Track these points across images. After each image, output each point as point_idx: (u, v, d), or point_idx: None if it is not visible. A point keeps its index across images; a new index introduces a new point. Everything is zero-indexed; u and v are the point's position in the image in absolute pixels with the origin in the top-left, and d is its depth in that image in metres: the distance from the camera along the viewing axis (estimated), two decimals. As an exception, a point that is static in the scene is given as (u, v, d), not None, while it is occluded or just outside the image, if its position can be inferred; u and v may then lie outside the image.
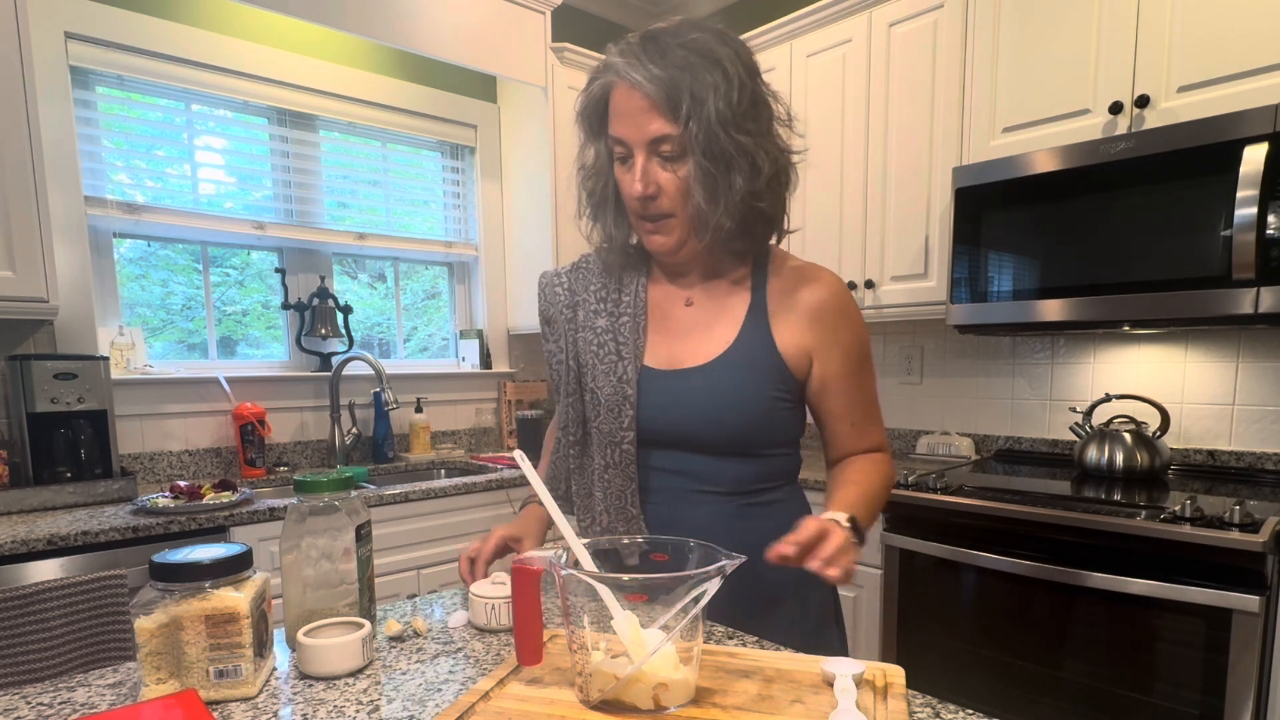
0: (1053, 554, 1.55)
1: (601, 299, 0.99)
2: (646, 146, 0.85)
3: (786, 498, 0.98)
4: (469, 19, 2.28)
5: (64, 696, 0.69)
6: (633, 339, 0.95)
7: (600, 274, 1.01)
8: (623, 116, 0.86)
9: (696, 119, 0.82)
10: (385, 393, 2.25)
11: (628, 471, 0.94)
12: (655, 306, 0.99)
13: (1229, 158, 1.48)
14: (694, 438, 0.92)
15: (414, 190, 2.66)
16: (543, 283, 1.05)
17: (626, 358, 0.94)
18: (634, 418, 0.93)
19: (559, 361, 1.00)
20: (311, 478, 0.81)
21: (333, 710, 0.65)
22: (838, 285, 0.95)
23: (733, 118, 0.83)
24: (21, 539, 1.42)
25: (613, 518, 0.96)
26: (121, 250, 2.11)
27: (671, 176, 0.86)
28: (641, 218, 0.91)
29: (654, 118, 0.83)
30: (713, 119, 0.82)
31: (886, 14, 2.11)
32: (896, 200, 2.15)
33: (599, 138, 0.93)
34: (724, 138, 0.83)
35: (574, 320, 1.00)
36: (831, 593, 1.02)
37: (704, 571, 0.59)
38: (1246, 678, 1.33)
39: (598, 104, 0.91)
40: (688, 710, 0.61)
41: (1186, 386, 1.93)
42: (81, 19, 1.92)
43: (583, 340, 0.97)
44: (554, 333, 1.02)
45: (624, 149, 0.88)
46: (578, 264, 1.04)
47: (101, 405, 1.80)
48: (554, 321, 1.02)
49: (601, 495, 0.96)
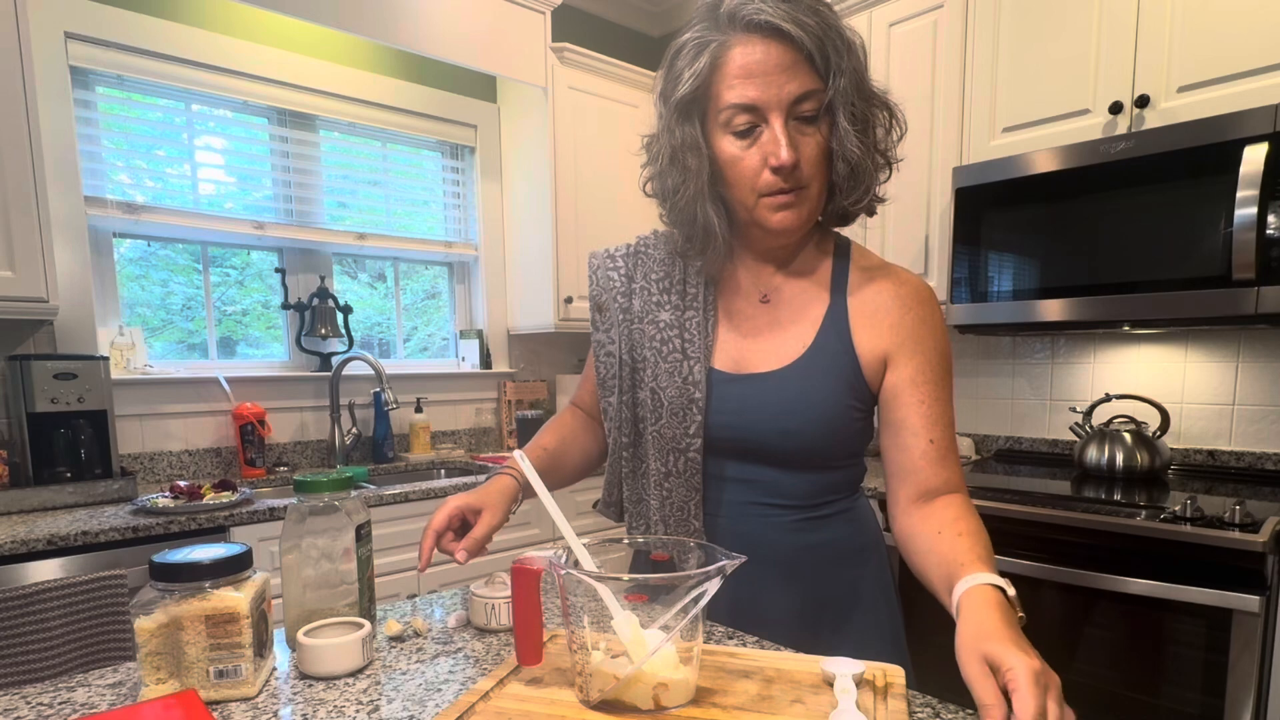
0: (1053, 554, 1.55)
1: (665, 289, 0.90)
2: (786, 107, 0.76)
3: (851, 508, 0.92)
4: (469, 19, 2.28)
5: (64, 696, 0.69)
6: (701, 337, 0.87)
7: (664, 261, 0.91)
8: (752, 77, 0.75)
9: (848, 73, 0.76)
10: (385, 393, 2.25)
11: (692, 482, 0.87)
12: (725, 302, 0.91)
13: (1229, 158, 1.48)
14: (763, 448, 0.85)
15: (414, 190, 2.66)
16: (594, 264, 0.95)
17: (694, 357, 0.86)
18: (701, 424, 0.85)
19: (609, 354, 0.91)
20: (311, 478, 0.81)
21: (333, 710, 0.65)
22: (925, 290, 0.86)
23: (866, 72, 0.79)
24: (21, 539, 1.42)
25: (670, 528, 0.88)
26: (121, 250, 2.11)
27: (811, 142, 0.78)
28: (771, 194, 0.80)
29: (798, 73, 0.75)
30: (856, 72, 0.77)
31: (886, 14, 2.11)
32: (896, 200, 2.15)
33: (691, 116, 0.81)
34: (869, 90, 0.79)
35: (630, 310, 0.91)
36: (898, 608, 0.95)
37: (704, 571, 0.59)
38: (1246, 678, 1.33)
39: (706, 75, 0.78)
40: (688, 710, 0.61)
41: (1186, 386, 1.93)
42: (81, 19, 1.92)
43: (641, 334, 0.89)
44: (605, 321, 0.93)
45: (752, 117, 0.77)
46: (637, 247, 0.95)
47: (101, 405, 1.80)
48: (606, 309, 0.93)
49: (658, 504, 0.89)
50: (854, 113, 0.78)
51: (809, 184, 0.80)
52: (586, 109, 2.60)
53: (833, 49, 0.75)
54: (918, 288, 0.86)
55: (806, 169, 0.79)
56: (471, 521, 0.86)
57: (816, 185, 0.81)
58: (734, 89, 0.77)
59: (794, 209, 0.80)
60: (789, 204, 0.80)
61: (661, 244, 0.93)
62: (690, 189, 0.83)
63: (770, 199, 0.80)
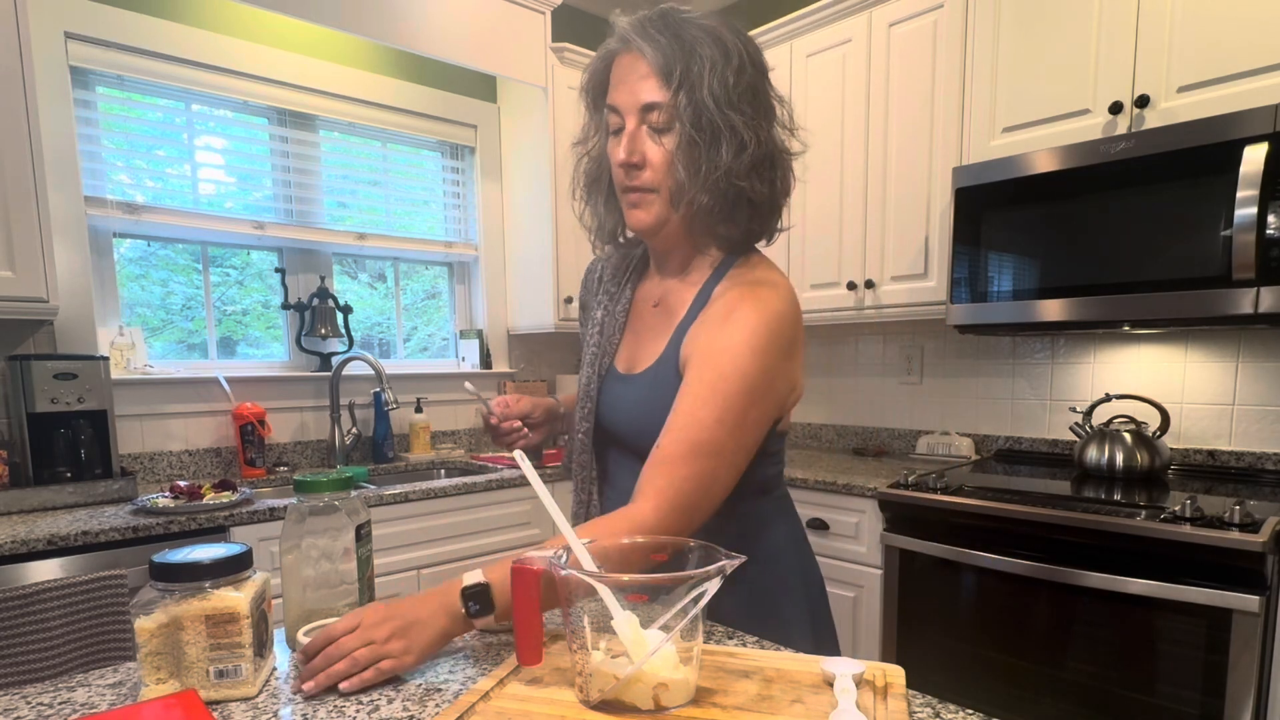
0: (1053, 554, 1.55)
1: (607, 292, 1.02)
2: (638, 113, 0.85)
3: (759, 510, 0.94)
4: (469, 19, 2.28)
5: (64, 696, 0.69)
6: (609, 336, 0.99)
7: (614, 268, 1.04)
8: (620, 83, 0.86)
9: (687, 89, 0.82)
10: (385, 393, 2.25)
11: (586, 460, 0.98)
12: (636, 306, 1.01)
13: (1229, 158, 1.48)
14: (634, 444, 0.91)
15: (414, 190, 2.66)
16: (588, 269, 1.11)
17: (604, 353, 0.98)
18: (590, 412, 0.97)
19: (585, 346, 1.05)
20: (311, 478, 0.81)
21: (333, 710, 0.65)
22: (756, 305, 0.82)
23: (725, 95, 0.83)
24: (21, 539, 1.42)
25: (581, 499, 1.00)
26: (121, 250, 2.11)
27: (659, 149, 0.85)
28: (625, 190, 0.89)
29: (648, 84, 0.84)
30: (704, 91, 0.82)
31: (886, 14, 2.11)
32: (896, 200, 2.15)
33: (598, 112, 0.93)
34: (714, 110, 0.82)
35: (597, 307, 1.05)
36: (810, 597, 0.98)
37: (704, 571, 0.59)
38: (1246, 678, 1.33)
39: (600, 75, 0.91)
40: (688, 710, 0.61)
41: (1186, 386, 1.93)
42: (81, 19, 1.92)
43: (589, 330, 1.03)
44: (585, 319, 1.09)
45: (618, 118, 0.87)
46: (609, 255, 1.07)
47: (101, 405, 1.80)
48: (586, 307, 1.10)
49: (576, 471, 1.00)
50: (689, 135, 0.83)
51: (658, 187, 0.87)
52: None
53: (683, 70, 0.82)
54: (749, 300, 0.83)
55: (650, 175, 0.86)
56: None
57: (667, 190, 0.87)
58: (609, 92, 0.88)
59: (642, 209, 0.88)
60: (637, 203, 0.88)
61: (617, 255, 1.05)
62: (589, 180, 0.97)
63: (625, 196, 0.90)
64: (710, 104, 0.82)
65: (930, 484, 1.77)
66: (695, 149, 0.84)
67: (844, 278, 2.29)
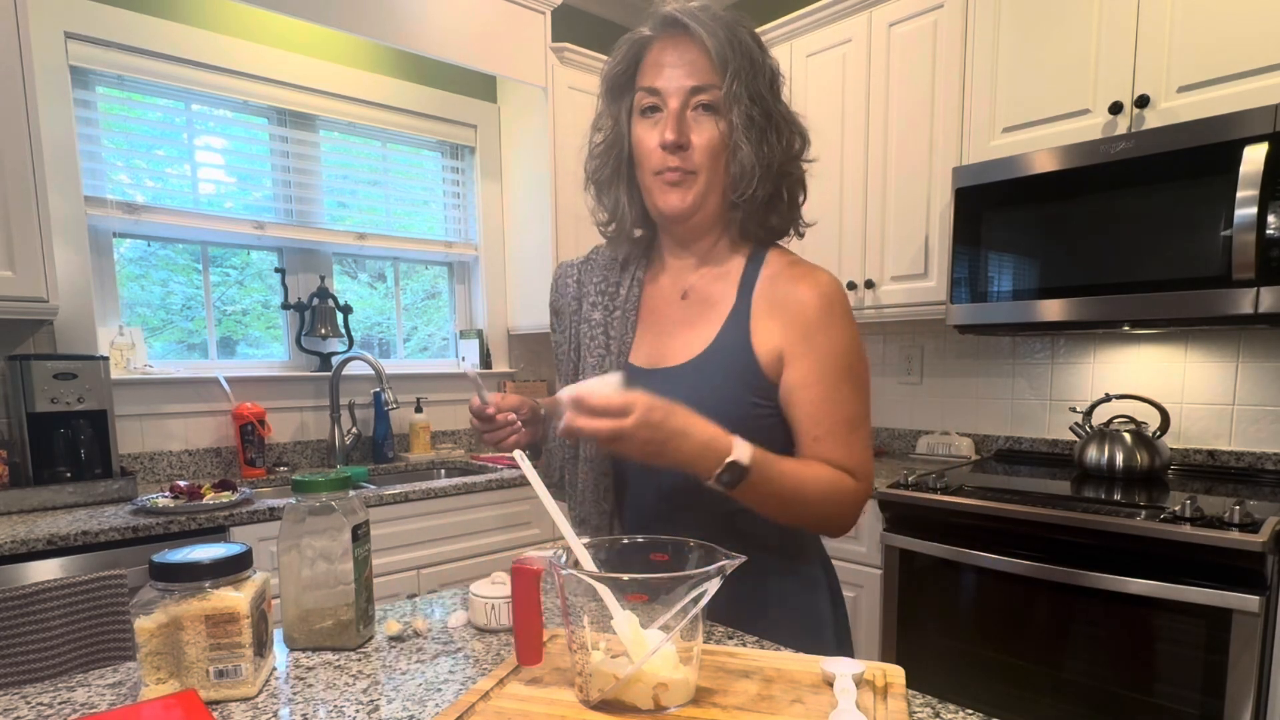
0: (1053, 554, 1.55)
1: (601, 291, 0.99)
2: (684, 95, 0.84)
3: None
4: (469, 19, 2.28)
5: (64, 696, 0.69)
6: (621, 334, 0.95)
7: (604, 267, 1.01)
8: (663, 66, 0.85)
9: (746, 76, 0.83)
10: (385, 393, 2.25)
11: (601, 466, 0.95)
12: (649, 301, 0.98)
13: (1229, 158, 1.48)
14: None
15: (414, 190, 2.66)
16: (556, 274, 1.06)
17: (613, 353, 0.95)
18: None
19: (564, 353, 1.02)
20: (309, 478, 0.81)
21: (332, 710, 0.65)
22: (829, 287, 0.86)
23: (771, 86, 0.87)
24: (21, 539, 1.42)
25: (588, 509, 0.96)
26: (121, 250, 2.11)
27: (705, 131, 0.85)
28: (661, 172, 0.87)
29: (699, 67, 0.84)
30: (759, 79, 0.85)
31: (886, 14, 2.11)
32: (896, 200, 2.15)
33: (619, 101, 0.92)
34: (769, 99, 0.86)
35: (578, 313, 1.00)
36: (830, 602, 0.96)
37: (704, 571, 0.59)
38: (1246, 678, 1.33)
39: (631, 61, 0.90)
40: (688, 710, 0.61)
41: (1186, 386, 1.93)
42: (81, 19, 1.92)
43: (584, 334, 0.98)
44: (561, 324, 1.04)
45: (654, 99, 0.86)
46: (589, 256, 1.04)
47: (101, 405, 1.80)
48: (561, 313, 1.04)
49: (581, 486, 0.97)
50: (750, 116, 0.84)
51: (699, 170, 0.86)
52: (586, 109, 2.58)
53: (732, 56, 0.83)
54: (822, 284, 0.87)
55: (697, 154, 0.86)
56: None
57: (707, 174, 0.86)
58: (646, 75, 0.87)
59: (680, 190, 0.87)
60: (676, 183, 0.87)
61: (608, 252, 1.02)
62: (609, 168, 0.94)
63: (660, 177, 0.87)
64: (765, 93, 0.85)
65: (930, 484, 1.77)
66: (759, 129, 0.85)
67: (844, 277, 2.29)
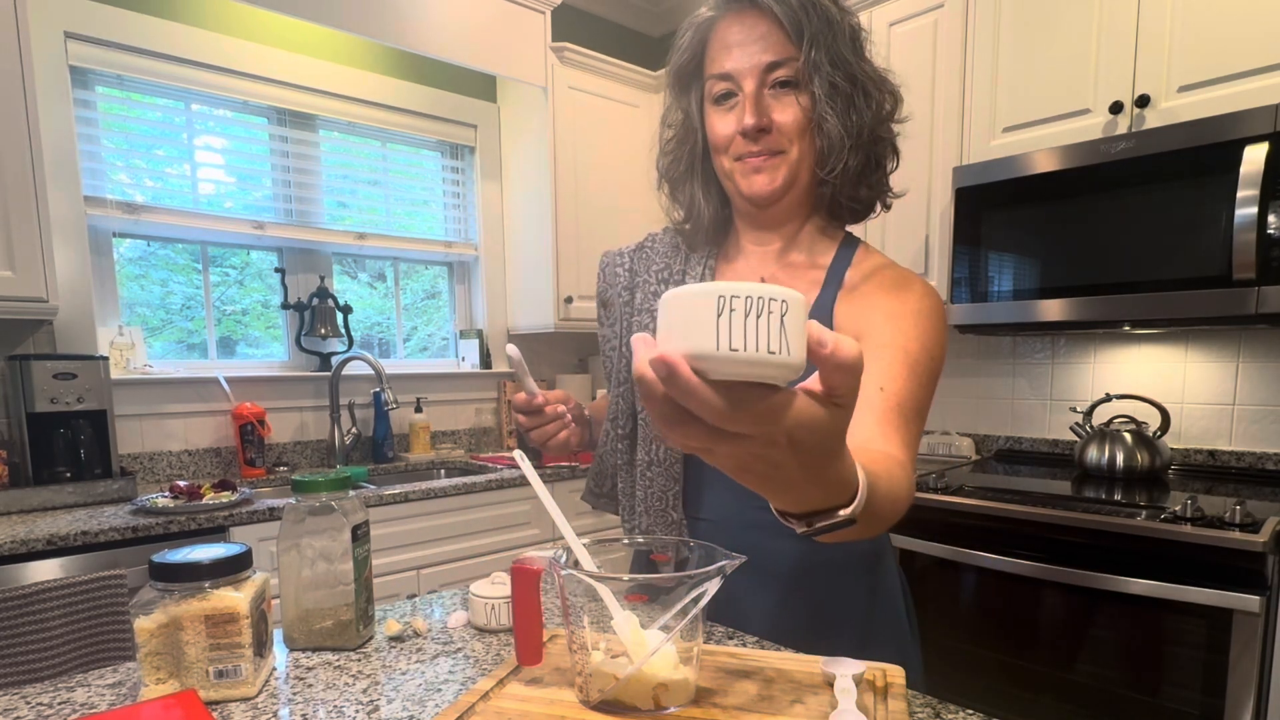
0: (1053, 554, 1.55)
1: (664, 279, 0.91)
2: (759, 75, 0.79)
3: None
4: (469, 19, 2.28)
5: (64, 696, 0.68)
6: None
7: (665, 253, 0.93)
8: (732, 47, 0.80)
9: (825, 43, 0.77)
10: (385, 393, 2.25)
11: (671, 471, 0.86)
12: None
13: (1229, 158, 1.48)
14: None
15: (414, 190, 2.66)
16: (603, 263, 0.98)
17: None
18: None
19: (612, 348, 0.94)
20: (309, 478, 0.81)
21: (332, 710, 0.65)
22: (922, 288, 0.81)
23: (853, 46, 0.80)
24: (21, 539, 1.42)
25: (653, 519, 0.87)
26: (121, 250, 2.11)
27: (788, 109, 0.79)
28: (744, 157, 0.82)
29: (773, 41, 0.78)
30: (840, 42, 0.78)
31: (886, 14, 2.11)
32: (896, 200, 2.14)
33: (688, 93, 0.87)
34: (853, 63, 0.79)
35: (631, 304, 0.93)
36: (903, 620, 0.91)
37: (704, 571, 0.59)
38: (1246, 678, 1.33)
39: (697, 48, 0.84)
40: (688, 710, 0.60)
41: (1187, 386, 1.93)
42: (81, 19, 1.92)
43: (638, 325, 0.90)
44: (610, 316, 0.96)
45: (727, 84, 0.81)
46: (642, 243, 0.97)
47: (101, 405, 1.80)
48: (611, 305, 0.96)
49: (642, 495, 0.88)
50: (834, 84, 0.78)
51: (786, 149, 0.81)
52: (586, 109, 2.60)
53: (808, 22, 0.77)
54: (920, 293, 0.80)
55: (778, 138, 0.81)
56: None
57: (795, 152, 0.81)
58: (715, 61, 0.82)
59: (766, 173, 0.82)
60: (760, 167, 0.82)
61: (666, 238, 0.96)
62: (683, 164, 0.89)
63: (742, 163, 0.83)
64: (849, 55, 0.79)
65: (930, 484, 1.77)
66: (844, 97, 0.79)
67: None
